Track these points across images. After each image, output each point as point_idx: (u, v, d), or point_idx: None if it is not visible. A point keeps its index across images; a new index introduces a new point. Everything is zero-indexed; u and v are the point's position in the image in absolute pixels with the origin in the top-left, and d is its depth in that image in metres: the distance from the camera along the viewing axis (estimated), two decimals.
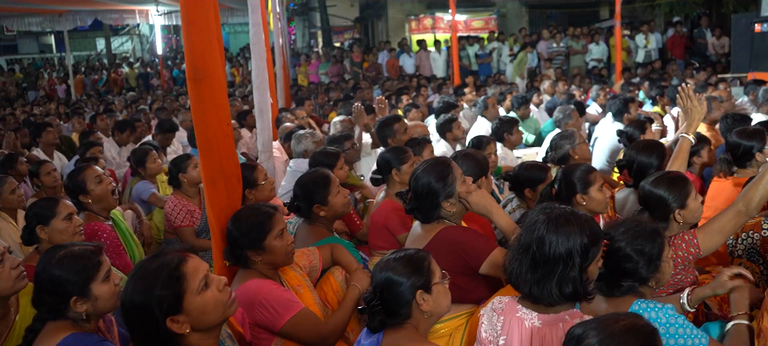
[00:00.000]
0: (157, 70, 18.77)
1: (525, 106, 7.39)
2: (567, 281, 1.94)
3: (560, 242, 1.94)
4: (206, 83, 2.48)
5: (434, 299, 2.01)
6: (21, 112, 12.61)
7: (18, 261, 2.36)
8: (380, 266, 2.05)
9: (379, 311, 1.96)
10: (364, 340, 2.02)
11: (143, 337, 1.75)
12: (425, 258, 2.05)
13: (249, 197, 3.52)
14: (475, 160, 3.07)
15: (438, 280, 2.04)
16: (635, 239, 2.16)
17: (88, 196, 3.47)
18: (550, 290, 1.95)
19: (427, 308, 1.98)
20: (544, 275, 1.96)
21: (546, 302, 1.99)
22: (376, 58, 15.94)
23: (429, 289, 2.00)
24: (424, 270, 2.02)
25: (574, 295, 1.95)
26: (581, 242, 1.94)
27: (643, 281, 2.15)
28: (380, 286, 1.99)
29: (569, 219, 1.97)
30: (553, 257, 1.94)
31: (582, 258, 1.94)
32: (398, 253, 2.06)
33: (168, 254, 1.79)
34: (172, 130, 6.98)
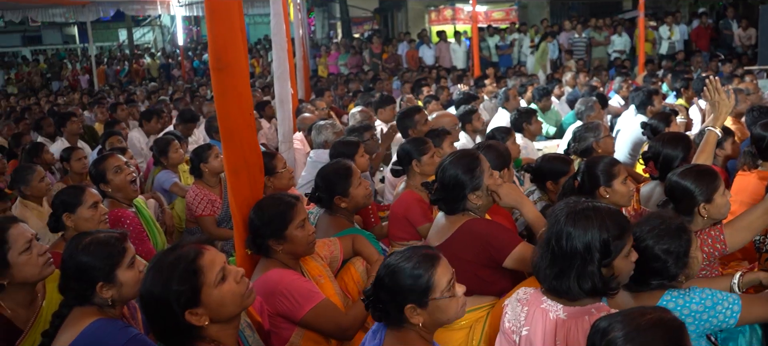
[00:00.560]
0: (178, 61, 18.91)
1: (546, 98, 7.33)
2: (585, 276, 1.92)
3: (578, 236, 1.92)
4: (229, 73, 2.50)
5: (430, 313, 1.88)
6: (45, 102, 12.80)
7: (45, 248, 2.40)
8: (385, 263, 1.95)
9: (377, 307, 1.93)
10: (368, 343, 2.00)
11: (162, 328, 1.77)
12: (427, 271, 1.87)
13: (268, 184, 3.55)
14: (497, 151, 3.06)
15: (439, 295, 1.87)
16: (661, 238, 2.11)
17: (108, 185, 3.52)
18: (568, 285, 1.94)
19: (417, 322, 1.88)
20: (563, 269, 1.95)
21: (566, 296, 1.97)
22: (395, 50, 15.89)
23: (423, 303, 1.87)
24: (422, 284, 1.86)
25: (593, 290, 1.93)
26: (600, 236, 1.91)
27: (672, 278, 2.11)
28: (379, 284, 1.93)
29: (589, 213, 1.95)
30: (570, 251, 1.93)
31: (602, 253, 1.92)
32: (404, 256, 1.92)
33: (185, 247, 1.80)
34: (194, 121, 7.03)
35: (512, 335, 2.10)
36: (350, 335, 2.51)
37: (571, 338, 1.96)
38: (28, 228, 2.38)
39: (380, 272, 1.93)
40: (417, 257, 1.90)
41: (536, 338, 2.02)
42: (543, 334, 2.00)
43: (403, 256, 1.92)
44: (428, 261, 1.89)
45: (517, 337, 2.08)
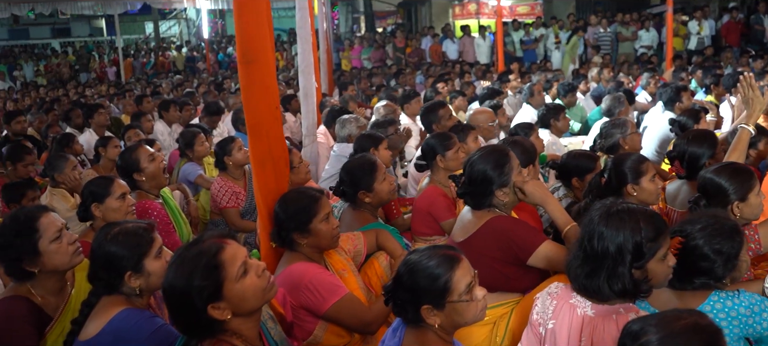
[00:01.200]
0: (203, 54, 19.08)
1: (571, 94, 7.24)
2: (615, 277, 1.90)
3: (610, 236, 1.90)
4: (256, 66, 2.51)
5: (447, 315, 1.85)
6: (74, 94, 13.01)
7: (75, 237, 2.44)
8: (405, 260, 1.93)
9: (397, 303, 1.91)
10: (388, 341, 1.99)
11: (185, 321, 1.78)
12: (445, 273, 1.84)
13: None
14: (523, 147, 3.03)
15: (456, 298, 1.84)
16: (713, 237, 2.06)
17: (141, 173, 3.56)
18: (598, 285, 1.93)
19: (433, 323, 1.85)
20: (594, 269, 1.94)
21: (596, 296, 1.96)
22: (419, 44, 15.84)
23: (441, 305, 1.84)
24: (438, 286, 1.83)
25: (623, 292, 1.91)
26: (633, 238, 1.89)
27: (717, 279, 2.05)
28: (398, 282, 1.91)
29: (623, 215, 1.93)
30: (601, 251, 1.92)
31: (634, 255, 1.89)
32: (425, 255, 1.89)
33: (206, 242, 1.80)
34: (219, 113, 7.09)
35: (539, 327, 2.10)
36: (373, 330, 2.51)
37: (596, 336, 1.94)
38: (58, 217, 2.42)
39: (400, 268, 1.92)
40: (437, 257, 1.87)
41: (561, 332, 2.01)
42: (569, 329, 1.99)
43: (424, 255, 1.89)
44: (448, 262, 1.86)
45: (543, 330, 2.08)
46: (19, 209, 2.42)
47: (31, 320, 2.28)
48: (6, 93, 14.36)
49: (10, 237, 2.29)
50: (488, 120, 4.83)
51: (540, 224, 3.19)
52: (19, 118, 6.94)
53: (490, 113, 4.94)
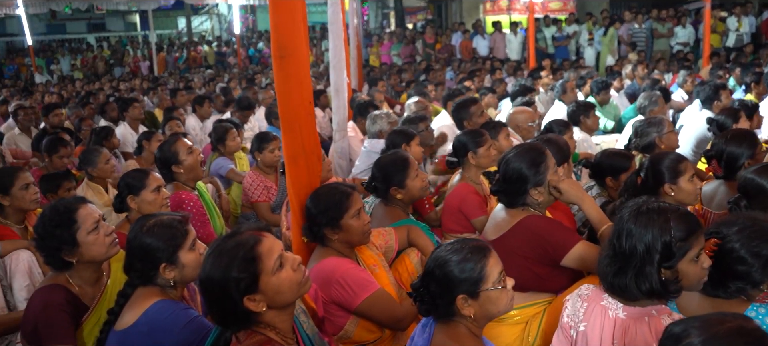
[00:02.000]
0: (233, 49, 19.27)
1: (605, 91, 7.11)
2: (643, 277, 1.87)
3: (638, 235, 1.87)
4: (291, 61, 2.51)
5: (481, 305, 1.86)
6: (108, 87, 13.25)
7: (111, 229, 2.48)
8: (433, 256, 1.92)
9: (426, 299, 1.90)
10: (417, 337, 1.98)
11: (221, 312, 1.80)
12: (479, 262, 1.86)
13: None
14: (557, 146, 2.99)
15: (490, 286, 1.85)
16: (751, 239, 1.97)
17: (180, 166, 3.62)
18: (625, 283, 1.90)
19: (469, 313, 1.86)
20: (622, 267, 1.91)
21: (624, 294, 1.93)
22: (449, 40, 15.75)
23: (475, 294, 1.85)
24: (474, 275, 1.84)
25: (650, 291, 1.87)
26: (662, 238, 1.85)
27: (755, 285, 1.97)
28: (428, 276, 1.90)
29: (653, 214, 1.89)
30: (629, 249, 1.89)
31: (662, 255, 1.85)
32: (454, 248, 1.90)
33: (244, 234, 1.81)
34: (250, 108, 7.16)
35: (569, 330, 2.07)
36: (404, 326, 2.51)
37: (628, 339, 1.91)
38: (96, 209, 2.46)
39: (429, 264, 1.91)
40: (467, 248, 1.88)
41: (593, 335, 1.98)
42: (600, 331, 1.96)
43: (452, 248, 1.89)
44: (480, 252, 1.88)
45: (574, 332, 2.05)
46: (59, 200, 2.47)
47: (68, 309, 2.33)
48: (44, 86, 14.71)
49: (50, 228, 2.34)
50: (527, 120, 4.78)
51: (574, 223, 3.15)
52: (57, 111, 7.10)
53: (530, 113, 4.87)
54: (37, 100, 11.16)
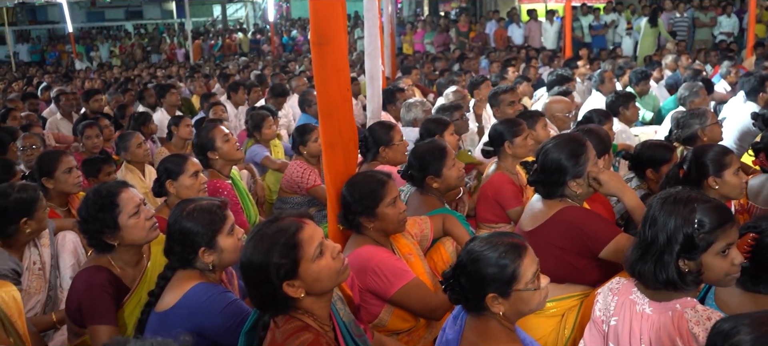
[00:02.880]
0: (267, 37, 19.41)
1: (644, 82, 6.95)
2: (662, 266, 1.84)
3: (662, 223, 1.85)
4: (329, 48, 2.51)
5: (512, 304, 1.81)
6: (146, 74, 13.49)
7: (151, 213, 2.53)
8: (467, 248, 1.88)
9: (457, 291, 1.87)
10: (448, 329, 1.97)
11: (260, 296, 1.82)
12: (513, 261, 1.80)
13: (382, 155, 3.71)
14: (599, 136, 2.94)
15: (522, 287, 1.80)
16: None
17: (215, 152, 3.67)
18: (644, 270, 1.88)
19: (498, 311, 1.81)
20: (643, 254, 1.89)
21: (646, 284, 1.91)
22: (483, 28, 15.59)
23: (506, 293, 1.80)
24: (506, 274, 1.79)
25: (667, 282, 1.84)
26: (684, 228, 1.81)
27: None
28: (460, 269, 1.87)
29: (679, 203, 1.85)
30: (652, 237, 1.87)
31: (684, 246, 1.82)
32: (489, 243, 1.84)
33: (285, 220, 1.82)
34: (284, 95, 7.21)
35: (601, 324, 2.05)
36: (438, 316, 2.50)
37: (654, 334, 1.89)
38: (136, 193, 2.51)
39: (462, 257, 1.88)
40: (503, 245, 1.83)
41: (624, 330, 1.96)
42: (630, 326, 1.94)
43: (488, 243, 1.85)
44: (515, 251, 1.82)
45: (605, 327, 2.03)
46: (102, 184, 2.52)
47: (110, 289, 2.39)
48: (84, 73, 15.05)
49: (93, 211, 2.40)
50: (564, 110, 4.70)
51: (613, 215, 3.09)
52: (97, 97, 7.27)
53: (567, 103, 4.79)
54: (78, 86, 11.43)
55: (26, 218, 2.78)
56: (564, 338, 2.50)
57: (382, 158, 3.70)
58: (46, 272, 2.92)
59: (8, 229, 2.76)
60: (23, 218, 2.77)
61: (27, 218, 2.78)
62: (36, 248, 2.92)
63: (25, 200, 2.77)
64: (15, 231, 2.77)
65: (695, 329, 1.80)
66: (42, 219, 2.86)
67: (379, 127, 3.76)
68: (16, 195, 2.75)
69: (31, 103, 8.11)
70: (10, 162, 3.72)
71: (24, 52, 22.95)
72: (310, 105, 6.02)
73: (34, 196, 2.81)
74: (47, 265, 2.94)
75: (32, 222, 2.80)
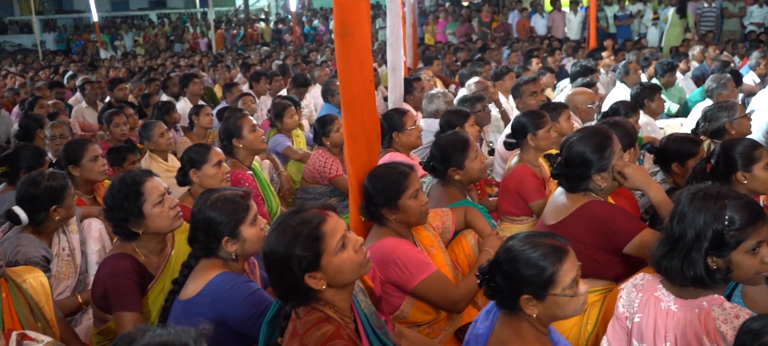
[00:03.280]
0: (289, 27, 19.44)
1: (670, 73, 6.83)
2: (689, 263, 1.81)
3: (691, 219, 1.82)
4: (352, 39, 2.51)
5: (546, 308, 1.77)
6: (169, 64, 13.61)
7: (175, 202, 2.56)
8: (506, 246, 1.85)
9: (493, 287, 1.85)
10: (480, 323, 1.95)
11: (282, 286, 1.83)
12: (552, 265, 1.75)
13: (396, 140, 3.73)
14: (624, 129, 2.89)
15: (559, 292, 1.75)
16: None
17: (240, 140, 3.69)
18: (671, 265, 1.85)
19: (531, 313, 1.78)
20: (670, 250, 1.86)
21: (672, 280, 1.88)
22: (505, 18, 15.45)
23: (542, 297, 1.76)
24: (544, 277, 1.75)
25: (694, 279, 1.81)
26: (714, 225, 1.78)
27: None
28: (496, 266, 1.84)
29: (709, 199, 1.82)
30: (680, 233, 1.84)
31: (712, 243, 1.79)
32: (529, 243, 1.80)
33: (308, 212, 1.83)
34: (306, 85, 7.22)
35: (625, 321, 2.03)
36: (460, 309, 2.49)
37: (679, 332, 1.86)
38: (161, 182, 2.54)
39: (500, 254, 1.85)
40: (544, 247, 1.78)
41: (648, 327, 1.93)
42: (654, 323, 1.91)
43: (528, 242, 1.80)
44: (556, 254, 1.77)
45: (629, 323, 2.01)
46: (127, 173, 2.56)
47: (135, 277, 2.43)
48: (109, 62, 15.24)
49: (118, 199, 2.43)
50: (587, 101, 4.63)
51: (637, 209, 3.05)
52: (121, 86, 7.36)
53: (589, 94, 4.72)
54: (103, 75, 11.57)
55: (56, 205, 2.83)
56: (586, 333, 2.48)
57: (396, 144, 3.69)
58: (76, 257, 2.98)
59: (38, 216, 2.81)
60: (53, 206, 2.82)
61: (56, 205, 2.83)
62: (64, 234, 2.98)
63: (54, 187, 2.82)
64: (45, 218, 2.83)
65: (723, 328, 1.78)
66: (70, 206, 2.91)
67: (391, 114, 3.76)
68: (46, 183, 2.81)
69: (58, 92, 8.23)
70: (40, 150, 3.79)
71: (50, 41, 23.30)
72: (333, 95, 6.02)
73: (64, 184, 2.87)
74: (77, 250, 3.00)
75: (61, 209, 2.85)
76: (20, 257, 2.68)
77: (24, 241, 2.76)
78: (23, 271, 2.38)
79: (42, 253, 2.78)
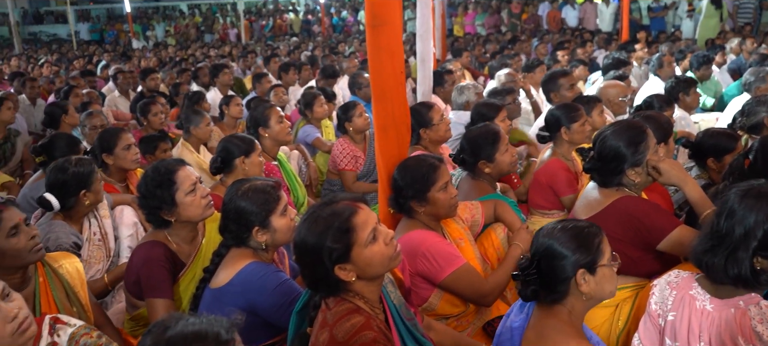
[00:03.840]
0: (318, 18, 19.50)
1: (706, 67, 6.66)
2: (734, 262, 1.77)
3: (740, 217, 1.78)
4: (384, 30, 2.49)
5: (597, 282, 1.79)
6: (199, 54, 13.76)
7: (207, 191, 2.58)
8: (544, 233, 1.86)
9: (534, 280, 1.84)
10: (514, 316, 1.94)
11: (312, 276, 1.84)
12: (597, 235, 1.82)
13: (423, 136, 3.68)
14: (659, 123, 2.83)
15: (606, 262, 1.81)
16: None
17: (266, 130, 3.72)
18: (714, 262, 1.81)
19: (586, 290, 1.78)
20: (715, 246, 1.83)
21: (712, 277, 1.84)
22: (536, 10, 15.28)
23: (593, 270, 1.78)
24: (593, 248, 1.79)
25: (738, 278, 1.77)
26: (765, 226, 1.74)
27: None
28: (539, 254, 1.84)
29: (762, 198, 1.77)
30: (727, 230, 1.80)
31: (761, 243, 1.74)
32: (567, 223, 1.85)
33: (340, 203, 1.82)
34: (334, 76, 7.23)
35: (658, 318, 1.99)
36: (489, 302, 2.48)
37: (714, 331, 1.83)
38: (193, 171, 2.57)
39: (541, 242, 1.84)
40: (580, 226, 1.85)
41: (682, 326, 1.90)
42: (689, 322, 1.88)
43: (563, 225, 1.84)
44: (594, 228, 1.85)
45: (662, 321, 1.97)
46: (161, 161, 2.59)
47: (167, 264, 2.46)
48: (141, 52, 15.47)
49: (151, 187, 2.47)
50: (619, 94, 4.55)
51: (671, 205, 2.99)
52: (153, 75, 7.46)
53: (622, 88, 4.64)
54: (135, 65, 11.75)
55: (84, 189, 2.89)
56: (617, 329, 2.45)
57: (424, 140, 3.65)
58: (107, 242, 3.05)
59: (69, 201, 2.88)
60: (82, 190, 2.88)
61: (85, 189, 2.89)
62: (95, 219, 3.04)
63: (82, 173, 2.89)
64: (75, 203, 2.90)
65: (759, 328, 1.74)
66: (98, 191, 2.98)
67: (418, 108, 3.71)
68: (74, 169, 2.87)
69: (90, 81, 8.38)
70: (75, 138, 3.87)
71: (84, 31, 23.75)
72: (360, 87, 6.02)
73: (90, 169, 2.93)
74: (109, 236, 3.06)
75: (90, 194, 2.92)
76: (51, 243, 2.75)
77: (55, 227, 2.83)
78: (60, 256, 2.43)
79: (72, 239, 2.84)
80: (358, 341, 1.71)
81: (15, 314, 1.72)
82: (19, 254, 2.20)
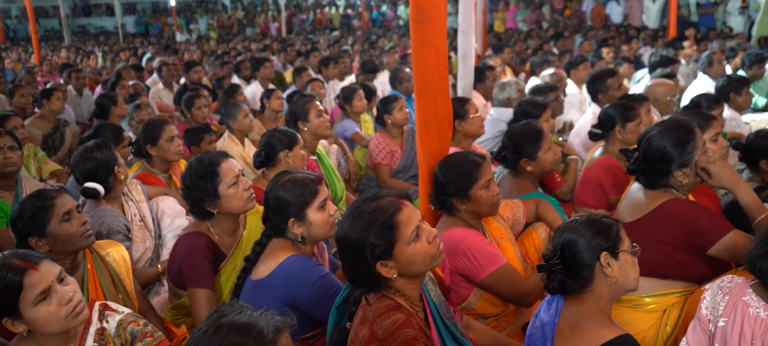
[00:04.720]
0: (358, 12, 19.55)
1: (758, 65, 6.42)
2: None
3: None
4: (429, 25, 2.47)
5: (621, 267, 1.83)
6: (241, 47, 13.94)
7: (249, 183, 2.61)
8: (563, 227, 1.90)
9: (559, 270, 1.84)
10: (542, 313, 1.92)
11: (354, 271, 1.83)
12: (613, 225, 1.87)
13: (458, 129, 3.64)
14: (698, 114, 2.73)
15: (626, 248, 1.85)
16: None
17: (306, 124, 3.75)
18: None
19: (611, 273, 1.81)
20: None
21: (766, 281, 1.79)
22: (579, 5, 15.01)
23: (615, 254, 1.83)
24: (612, 235, 1.84)
25: None
26: None
27: None
28: (562, 245, 1.86)
29: None
30: None
31: None
32: (584, 216, 1.91)
33: (385, 199, 1.81)
34: (374, 71, 7.23)
35: (708, 323, 1.94)
36: (529, 302, 2.44)
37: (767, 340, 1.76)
38: (236, 164, 2.59)
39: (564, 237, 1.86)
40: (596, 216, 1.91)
41: (734, 332, 1.84)
42: (741, 328, 1.82)
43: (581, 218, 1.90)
44: (609, 218, 1.91)
45: (712, 326, 1.92)
46: (204, 153, 2.62)
47: (209, 255, 2.50)
48: (184, 45, 15.76)
49: (195, 179, 2.50)
50: (667, 93, 4.43)
51: (719, 207, 2.89)
52: (196, 68, 7.58)
53: (670, 86, 4.51)
54: (179, 58, 11.98)
55: (115, 165, 2.96)
56: (665, 334, 2.38)
57: (458, 133, 3.63)
58: (147, 223, 3.12)
59: (108, 183, 2.94)
60: (114, 167, 2.95)
61: (116, 165, 2.96)
62: (132, 202, 3.11)
63: (104, 153, 2.94)
64: (113, 183, 2.96)
65: None
66: (123, 164, 3.07)
67: (453, 102, 3.68)
68: (96, 153, 2.93)
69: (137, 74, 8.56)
70: (119, 128, 3.96)
71: (130, 24, 24.33)
72: (401, 82, 6.01)
73: (108, 147, 2.99)
74: (148, 218, 3.14)
75: (120, 168, 2.99)
76: (104, 228, 2.82)
77: (105, 213, 2.89)
78: (107, 244, 2.50)
79: (123, 222, 2.92)
80: (398, 338, 1.70)
81: (70, 297, 1.81)
82: (71, 239, 2.28)
